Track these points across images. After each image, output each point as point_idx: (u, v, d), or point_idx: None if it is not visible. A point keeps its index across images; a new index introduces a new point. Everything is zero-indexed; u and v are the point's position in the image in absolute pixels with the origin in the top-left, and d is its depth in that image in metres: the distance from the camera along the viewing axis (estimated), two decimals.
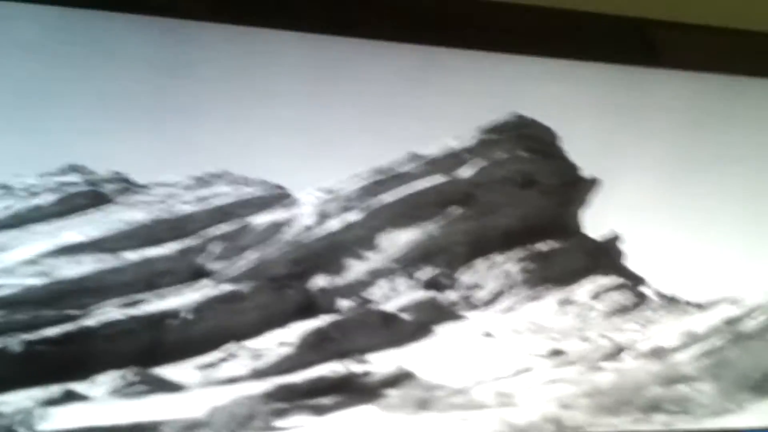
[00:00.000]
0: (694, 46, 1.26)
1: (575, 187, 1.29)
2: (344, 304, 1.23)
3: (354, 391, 1.19)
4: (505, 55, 1.23)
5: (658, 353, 1.33)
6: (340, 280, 1.22)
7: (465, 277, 1.26)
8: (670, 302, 1.33)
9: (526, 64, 1.25)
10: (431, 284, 1.25)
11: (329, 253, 1.22)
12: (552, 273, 1.29)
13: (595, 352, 1.31)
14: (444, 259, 1.26)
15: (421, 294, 1.25)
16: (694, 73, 1.29)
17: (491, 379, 1.25)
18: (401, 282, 1.24)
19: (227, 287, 1.18)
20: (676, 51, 1.26)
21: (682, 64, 1.29)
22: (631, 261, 1.33)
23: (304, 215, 1.22)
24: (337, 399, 1.18)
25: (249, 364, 1.16)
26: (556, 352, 1.30)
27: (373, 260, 1.23)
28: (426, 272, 1.25)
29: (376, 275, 1.23)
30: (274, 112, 1.19)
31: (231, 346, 1.16)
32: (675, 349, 1.34)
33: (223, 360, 1.16)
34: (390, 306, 1.25)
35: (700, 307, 1.36)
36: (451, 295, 1.26)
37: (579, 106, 1.28)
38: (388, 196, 1.25)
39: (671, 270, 1.35)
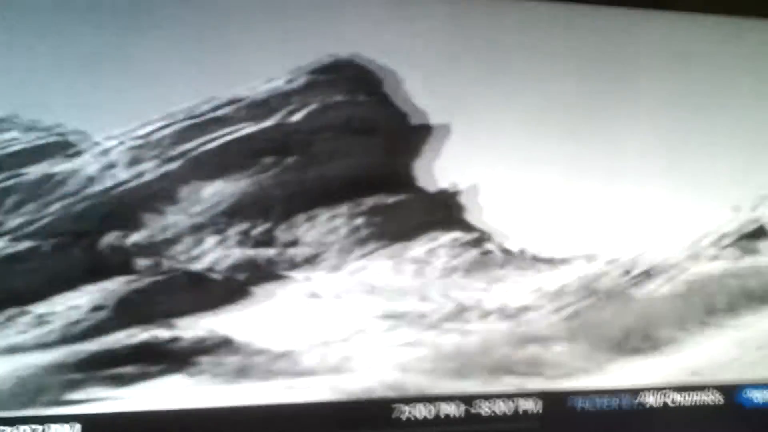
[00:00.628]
0: None
1: (420, 135, 1.17)
2: (153, 263, 1.11)
3: (162, 359, 1.10)
4: None
5: (507, 313, 1.26)
6: (150, 237, 1.10)
7: (295, 232, 1.15)
8: (522, 259, 1.24)
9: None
10: (257, 241, 1.14)
11: (139, 206, 1.10)
12: (393, 228, 1.19)
13: (437, 313, 1.22)
14: (272, 213, 1.14)
15: (245, 252, 1.13)
16: (575, 6, 1.18)
17: (322, 344, 1.16)
18: (222, 238, 1.12)
19: (11, 247, 1.04)
20: None
21: None
22: (482, 215, 1.23)
23: (111, 164, 1.08)
24: (142, 368, 1.09)
25: (35, 332, 1.04)
26: (394, 314, 1.21)
27: (189, 215, 1.11)
28: (251, 228, 1.13)
29: (192, 231, 1.11)
30: (75, 47, 1.06)
31: (12, 312, 1.04)
32: (527, 308, 1.26)
33: (2, 327, 1.03)
34: (207, 265, 1.13)
35: (554, 263, 1.27)
36: (278, 253, 1.15)
37: (426, 47, 1.16)
38: (208, 143, 1.12)
39: (525, 225, 1.26)
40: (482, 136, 1.19)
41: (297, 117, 1.13)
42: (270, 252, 1.16)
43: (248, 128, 1.12)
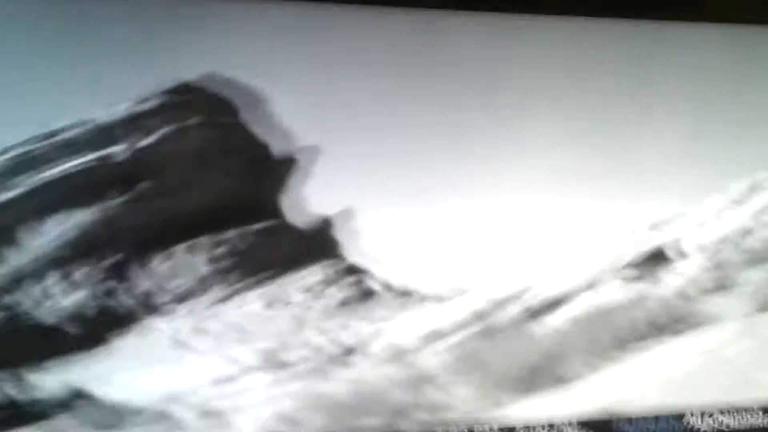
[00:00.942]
0: None
1: (288, 159, 1.08)
2: None
3: (12, 417, 0.99)
4: None
5: (395, 353, 1.16)
6: None
7: (148, 272, 1.04)
8: (406, 295, 1.15)
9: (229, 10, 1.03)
10: (102, 283, 1.02)
11: None
12: (260, 263, 1.09)
13: (318, 356, 1.12)
14: (119, 251, 1.03)
15: (89, 295, 1.02)
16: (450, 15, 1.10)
17: (190, 394, 1.04)
18: (60, 282, 1.01)
19: None
20: None
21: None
22: (361, 247, 1.13)
23: None
24: None
25: None
26: (270, 359, 1.10)
27: (19, 258, 0.99)
28: (94, 269, 1.02)
29: (25, 276, 0.99)
30: None
31: None
32: (415, 348, 1.17)
33: None
34: (48, 312, 1.01)
35: (440, 299, 1.18)
36: (129, 296, 1.04)
37: (291, 63, 1.08)
38: (48, 172, 1.01)
39: (407, 258, 1.17)
40: (357, 160, 1.10)
41: (147, 142, 1.03)
42: (126, 294, 1.05)
43: (93, 155, 1.02)
